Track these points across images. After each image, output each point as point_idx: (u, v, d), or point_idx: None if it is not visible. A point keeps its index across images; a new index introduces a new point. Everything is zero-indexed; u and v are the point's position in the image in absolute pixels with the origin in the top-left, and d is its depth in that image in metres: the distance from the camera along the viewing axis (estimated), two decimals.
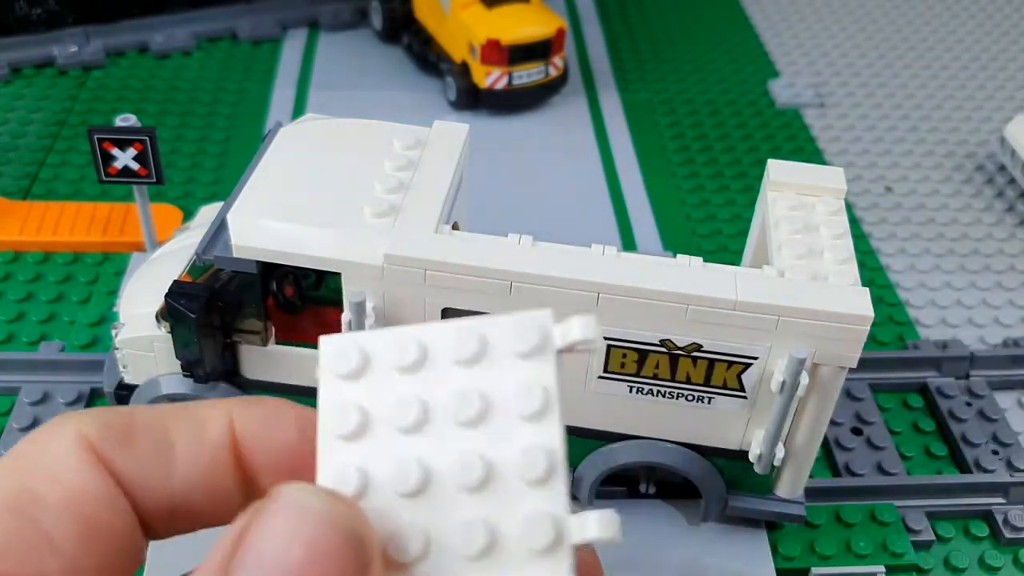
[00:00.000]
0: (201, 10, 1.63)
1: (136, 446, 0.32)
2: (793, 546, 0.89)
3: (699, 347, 0.75)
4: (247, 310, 0.81)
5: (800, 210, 0.82)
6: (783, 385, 0.74)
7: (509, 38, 1.41)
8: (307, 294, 0.84)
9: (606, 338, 0.75)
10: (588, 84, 1.59)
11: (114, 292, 1.11)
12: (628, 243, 1.25)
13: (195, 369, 0.81)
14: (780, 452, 0.79)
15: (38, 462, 0.30)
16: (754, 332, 0.73)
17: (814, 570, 0.88)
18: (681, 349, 0.75)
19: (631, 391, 0.79)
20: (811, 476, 0.85)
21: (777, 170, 0.85)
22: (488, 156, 1.34)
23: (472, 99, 1.46)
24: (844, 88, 1.63)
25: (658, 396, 0.79)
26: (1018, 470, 0.97)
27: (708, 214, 1.31)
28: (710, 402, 0.78)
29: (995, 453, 0.99)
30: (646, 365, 0.77)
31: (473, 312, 0.75)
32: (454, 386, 0.31)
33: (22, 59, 1.52)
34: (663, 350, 0.76)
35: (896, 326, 1.15)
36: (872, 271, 1.23)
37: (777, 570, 0.87)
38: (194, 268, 0.84)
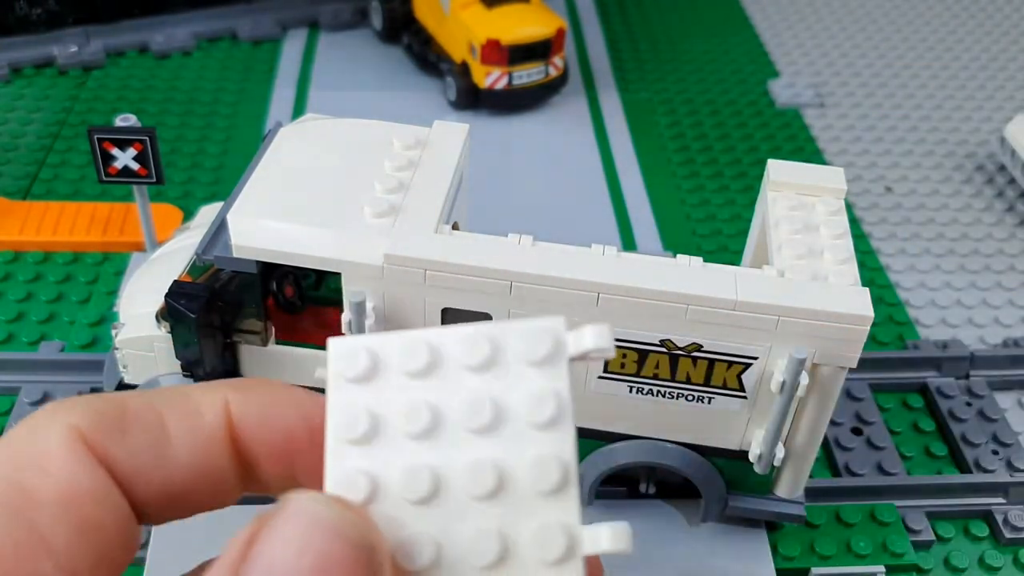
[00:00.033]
0: (201, 10, 1.63)
1: (130, 435, 0.31)
2: (793, 546, 0.89)
3: (699, 347, 0.75)
4: (247, 310, 0.81)
5: (800, 210, 0.82)
6: (783, 385, 0.74)
7: (509, 38, 1.41)
8: (307, 294, 0.84)
9: None
10: (588, 84, 1.59)
11: (114, 292, 1.11)
12: (628, 243, 1.25)
13: (195, 369, 0.81)
14: (780, 452, 0.79)
15: (29, 457, 0.30)
16: (754, 332, 0.73)
17: (814, 570, 0.88)
18: (681, 349, 0.75)
19: (631, 391, 0.79)
20: (811, 476, 0.85)
21: (777, 170, 0.85)
22: (488, 156, 1.34)
23: (472, 99, 1.46)
24: (844, 88, 1.63)
25: (658, 396, 0.79)
26: (1018, 470, 0.97)
27: (708, 214, 1.31)
28: (710, 402, 0.78)
29: (995, 453, 0.99)
30: (646, 365, 0.77)
31: (473, 312, 0.76)
32: (465, 392, 0.30)
33: (22, 59, 1.52)
34: (663, 350, 0.76)
35: (896, 326, 1.15)
36: (872, 271, 1.23)
37: (777, 570, 0.87)
38: (194, 268, 0.84)
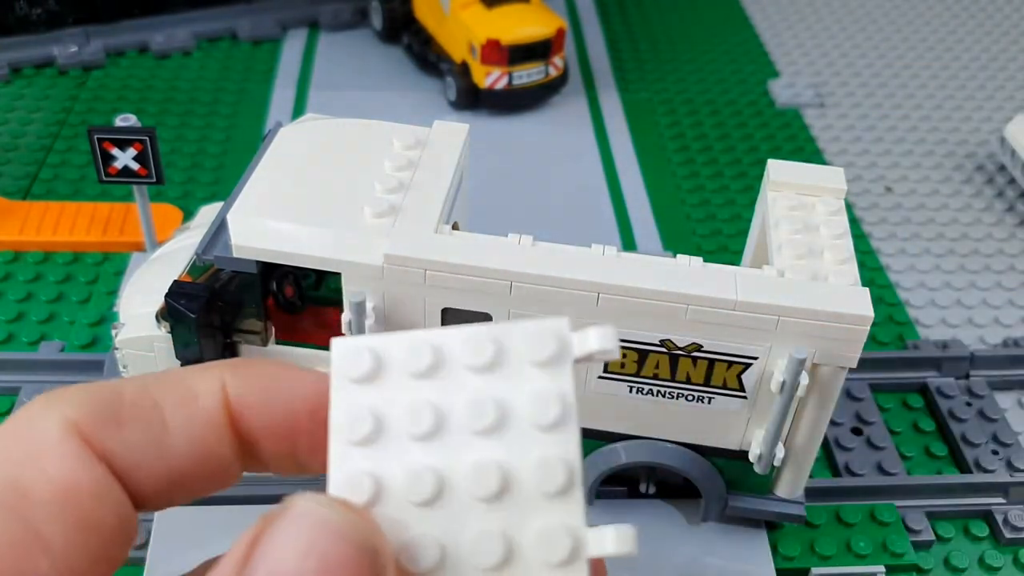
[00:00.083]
0: (201, 10, 1.63)
1: (127, 425, 0.31)
2: (793, 546, 0.89)
3: (699, 347, 0.75)
4: (247, 310, 0.81)
5: (800, 210, 0.82)
6: (783, 385, 0.74)
7: (509, 38, 1.41)
8: (307, 294, 0.84)
9: None
10: (588, 84, 1.59)
11: (114, 292, 1.11)
12: (628, 243, 1.25)
13: None
14: (780, 452, 0.79)
15: (25, 453, 0.29)
16: (754, 332, 0.73)
17: (814, 570, 0.88)
18: (681, 349, 0.75)
19: (631, 391, 0.79)
20: (811, 476, 0.85)
21: (777, 170, 0.85)
22: (488, 156, 1.34)
23: (472, 99, 1.46)
24: (844, 88, 1.63)
25: (658, 396, 0.79)
26: (1018, 470, 0.97)
27: (708, 214, 1.31)
28: (710, 402, 0.78)
29: (995, 453, 0.99)
30: (646, 365, 0.77)
31: (473, 312, 0.76)
32: (469, 393, 0.30)
33: (22, 59, 1.52)
34: (663, 350, 0.76)
35: (896, 326, 1.15)
36: (872, 271, 1.23)
37: (777, 570, 0.87)
38: (194, 268, 0.84)
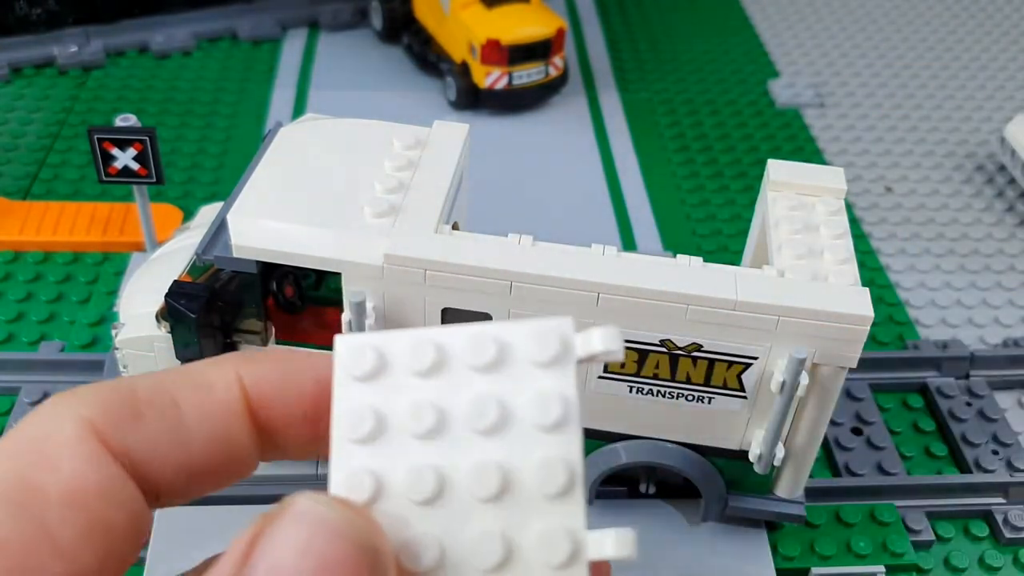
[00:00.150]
0: (201, 10, 1.63)
1: (144, 421, 0.31)
2: (793, 546, 0.89)
3: (699, 347, 0.75)
4: (247, 310, 0.81)
5: (800, 210, 0.82)
6: (783, 385, 0.74)
7: (509, 38, 1.41)
8: (307, 294, 0.84)
9: None
10: (588, 84, 1.59)
11: (114, 292, 1.11)
12: (628, 243, 1.25)
13: None
14: (780, 452, 0.79)
15: (39, 452, 0.29)
16: (754, 332, 0.73)
17: (814, 570, 0.88)
18: (681, 349, 0.75)
19: (631, 391, 0.79)
20: (811, 476, 0.85)
21: (777, 170, 0.85)
22: (488, 156, 1.34)
23: (472, 99, 1.46)
24: (844, 88, 1.63)
25: (658, 396, 0.79)
26: (1018, 470, 0.97)
27: (708, 214, 1.31)
28: (710, 402, 0.78)
29: (995, 453, 0.99)
30: (646, 365, 0.77)
31: (473, 312, 0.76)
32: (471, 393, 0.30)
33: (22, 59, 1.52)
34: (663, 350, 0.76)
35: (896, 326, 1.15)
36: (872, 271, 1.23)
37: (777, 570, 0.87)
38: (194, 268, 0.84)
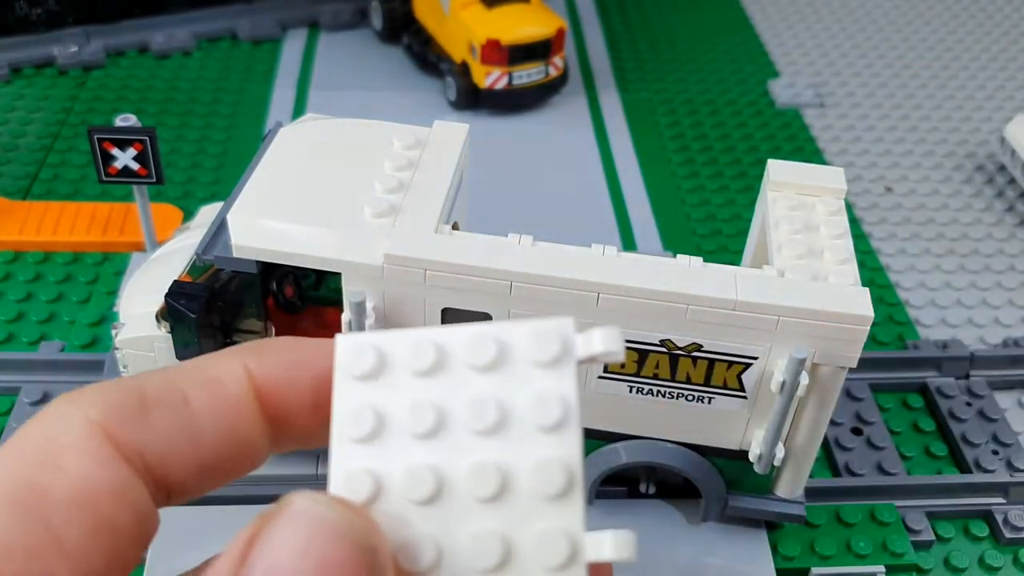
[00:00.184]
0: (201, 10, 1.63)
1: (153, 417, 0.31)
2: (793, 546, 0.89)
3: (699, 347, 0.75)
4: (247, 310, 0.81)
5: (800, 210, 0.82)
6: (783, 385, 0.74)
7: (509, 38, 1.41)
8: (307, 294, 0.84)
9: None
10: (588, 84, 1.59)
11: (114, 292, 1.11)
12: (628, 243, 1.25)
13: None
14: (780, 452, 0.79)
15: (46, 454, 0.29)
16: (754, 332, 0.73)
17: (814, 570, 0.88)
18: (681, 349, 0.75)
19: (631, 391, 0.79)
20: (811, 476, 0.85)
21: (777, 170, 0.85)
22: (488, 156, 1.34)
23: (472, 99, 1.46)
24: (844, 88, 1.63)
25: (658, 396, 0.79)
26: (1018, 470, 0.97)
27: (708, 214, 1.31)
28: (710, 402, 0.78)
29: (995, 453, 0.99)
30: (646, 365, 0.77)
31: (473, 312, 0.76)
32: (471, 393, 0.30)
33: (22, 59, 1.52)
34: (663, 350, 0.76)
35: (896, 326, 1.15)
36: (872, 271, 1.23)
37: (777, 570, 0.87)
38: (194, 268, 0.84)
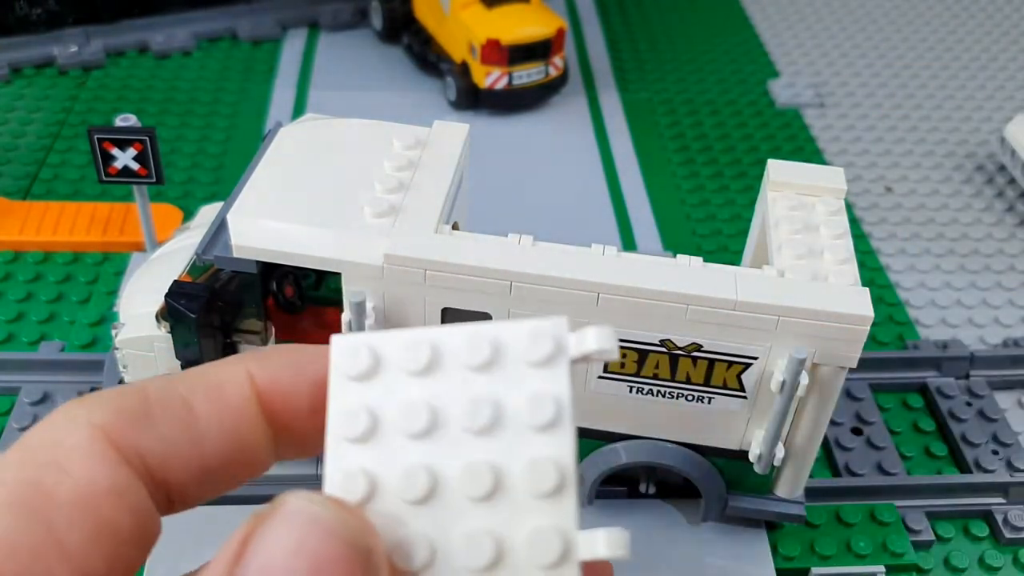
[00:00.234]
0: (201, 10, 1.63)
1: (157, 419, 0.31)
2: (793, 546, 0.89)
3: (699, 347, 0.75)
4: (247, 310, 0.81)
5: (800, 210, 0.82)
6: (783, 385, 0.74)
7: (509, 38, 1.41)
8: (307, 294, 0.84)
9: None
10: (588, 84, 1.59)
11: (114, 292, 1.11)
12: (628, 243, 1.25)
13: None
14: (780, 452, 0.79)
15: (49, 456, 0.29)
16: (754, 332, 0.73)
17: (814, 570, 0.88)
18: (681, 349, 0.75)
19: (631, 391, 0.79)
20: (811, 476, 0.85)
21: (777, 170, 0.85)
22: (488, 156, 1.34)
23: (472, 99, 1.46)
24: (844, 88, 1.63)
25: (658, 396, 0.79)
26: (1018, 470, 0.97)
27: (708, 214, 1.31)
28: (710, 402, 0.78)
29: (995, 453, 0.99)
30: (646, 365, 0.77)
31: (473, 312, 0.76)
32: (465, 393, 0.30)
33: (22, 59, 1.52)
34: (663, 350, 0.76)
35: (896, 326, 1.15)
36: (872, 271, 1.23)
37: (777, 570, 0.87)
38: (194, 268, 0.84)
